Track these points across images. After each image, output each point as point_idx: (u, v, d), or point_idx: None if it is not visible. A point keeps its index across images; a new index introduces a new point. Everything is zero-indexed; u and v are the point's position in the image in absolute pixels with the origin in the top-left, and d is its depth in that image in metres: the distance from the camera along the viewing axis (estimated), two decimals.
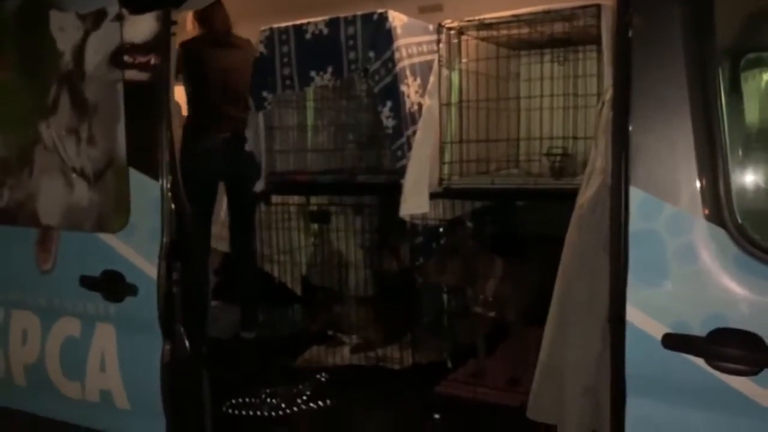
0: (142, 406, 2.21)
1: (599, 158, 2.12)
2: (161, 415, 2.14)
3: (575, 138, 2.84)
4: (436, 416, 2.94)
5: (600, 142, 2.13)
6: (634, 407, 1.49)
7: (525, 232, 3.60)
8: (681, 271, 1.45)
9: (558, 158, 2.86)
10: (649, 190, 1.48)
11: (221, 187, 3.97)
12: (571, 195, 2.34)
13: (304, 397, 3.09)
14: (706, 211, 1.43)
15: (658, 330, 1.44)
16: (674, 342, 1.43)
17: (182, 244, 2.26)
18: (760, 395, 1.36)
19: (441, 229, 3.39)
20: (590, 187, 2.11)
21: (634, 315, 1.48)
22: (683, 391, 1.45)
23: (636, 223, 1.49)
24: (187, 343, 2.29)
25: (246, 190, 3.77)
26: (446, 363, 3.53)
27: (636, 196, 1.49)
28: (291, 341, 4.00)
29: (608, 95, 2.17)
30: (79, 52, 2.31)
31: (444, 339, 3.56)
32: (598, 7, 2.67)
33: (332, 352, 3.74)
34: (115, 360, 2.24)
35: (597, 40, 2.78)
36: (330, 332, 3.94)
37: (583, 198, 2.15)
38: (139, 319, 2.20)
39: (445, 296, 3.56)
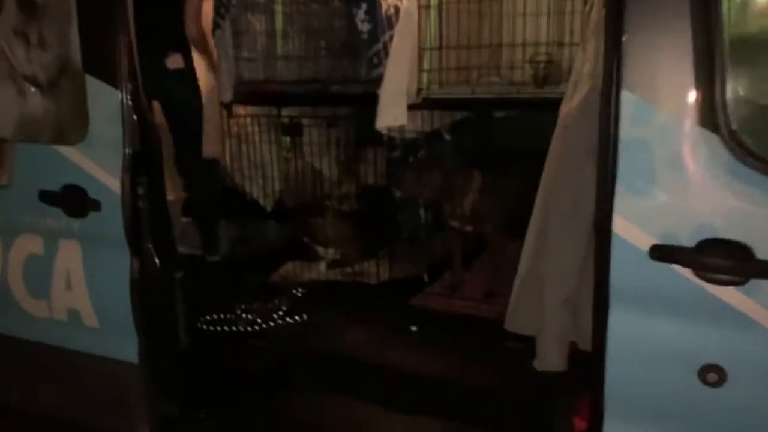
0: (112, 324, 2.17)
1: (587, 63, 2.03)
2: (132, 333, 2.11)
3: (560, 44, 2.73)
4: (413, 328, 2.96)
5: (588, 46, 2.05)
6: (617, 319, 1.48)
7: (505, 145, 3.54)
8: (671, 180, 1.41)
9: (542, 65, 2.76)
10: (642, 94, 1.41)
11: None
12: (555, 105, 2.27)
13: (280, 312, 3.08)
14: (700, 117, 1.37)
15: (645, 241, 1.41)
16: (662, 253, 1.40)
17: (146, 157, 2.16)
18: (747, 306, 1.35)
19: (418, 142, 3.31)
20: (577, 94, 2.04)
21: (620, 225, 1.44)
22: (669, 303, 1.43)
23: (626, 129, 1.43)
24: (156, 259, 2.24)
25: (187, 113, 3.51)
26: (423, 277, 3.53)
27: (627, 100, 1.42)
28: (266, 257, 3.98)
29: None
30: None
31: (421, 253, 3.55)
32: None
33: (308, 267, 3.73)
34: (82, 277, 2.18)
35: None
36: (306, 243, 3.88)
37: (569, 105, 2.08)
38: (105, 235, 2.13)
39: (422, 210, 3.53)
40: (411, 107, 2.94)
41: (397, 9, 3.12)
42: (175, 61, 3.34)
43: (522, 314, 2.28)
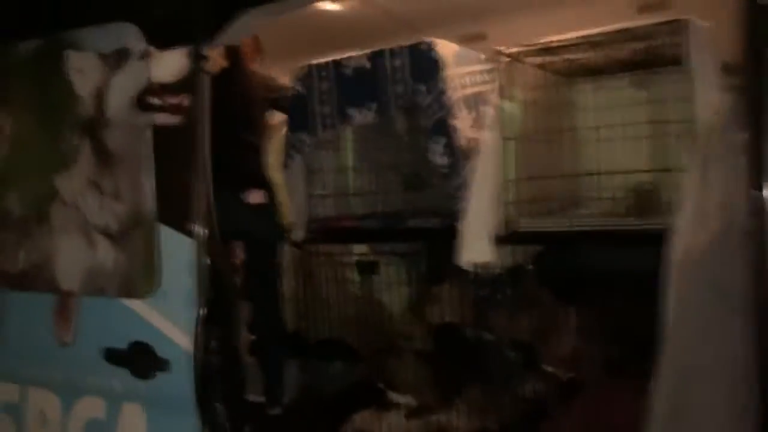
0: None
1: (712, 194, 1.82)
2: None
3: (663, 171, 2.53)
4: None
5: (710, 175, 1.83)
6: None
7: (593, 276, 3.28)
8: None
9: (640, 195, 2.56)
10: None
11: None
12: (656, 236, 2.08)
13: None
14: None
15: None
16: None
17: (220, 307, 2.03)
18: None
19: (503, 278, 3.09)
20: (703, 230, 1.81)
21: None
22: None
23: None
24: (227, 425, 2.06)
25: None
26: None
27: None
28: (335, 405, 3.70)
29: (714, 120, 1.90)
30: (100, 95, 2.11)
31: (511, 401, 3.22)
32: (683, 22, 2.39)
33: (384, 417, 3.42)
34: None
35: (679, 61, 2.48)
36: (380, 388, 3.59)
37: (694, 241, 1.83)
38: (172, 398, 1.98)
39: (511, 354, 3.24)
40: (499, 241, 2.75)
41: (474, 141, 3.00)
42: (256, 197, 3.29)
43: None
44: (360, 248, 3.81)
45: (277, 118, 3.71)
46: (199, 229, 1.97)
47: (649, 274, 2.09)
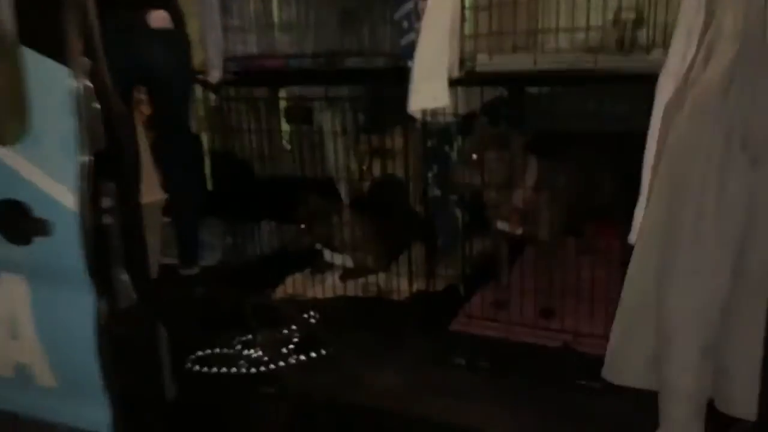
0: (74, 384, 1.72)
1: (728, 16, 1.50)
2: (101, 394, 1.66)
3: None
4: (461, 362, 2.42)
5: None
6: None
7: (557, 128, 3.01)
8: None
9: (629, 25, 2.22)
10: None
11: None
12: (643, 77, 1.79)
13: (291, 346, 2.53)
14: None
15: None
16: None
17: (114, 155, 1.66)
18: None
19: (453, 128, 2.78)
20: (715, 61, 1.50)
21: None
22: None
23: None
24: (132, 294, 1.75)
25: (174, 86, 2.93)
26: (458, 289, 3.01)
27: None
28: (264, 267, 3.44)
29: None
30: None
31: (457, 261, 3.02)
32: None
33: (318, 280, 3.19)
34: (31, 323, 1.71)
35: None
36: (316, 249, 3.32)
37: (705, 75, 1.53)
38: (59, 266, 1.64)
39: (458, 210, 2.99)
40: (453, 83, 2.40)
41: None
42: (158, 19, 2.76)
43: (629, 361, 1.76)
44: (289, 93, 3.39)
45: None
46: (79, 55, 1.54)
47: (625, 124, 1.86)
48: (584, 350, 2.43)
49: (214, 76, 3.04)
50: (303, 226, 3.22)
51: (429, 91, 2.34)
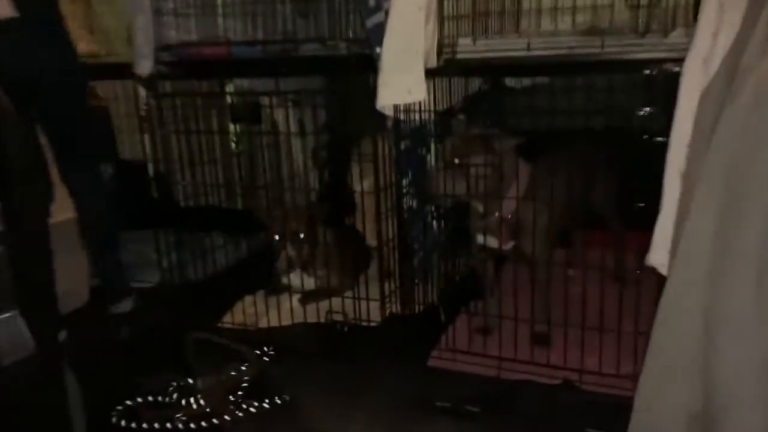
0: None
1: None
2: None
3: None
4: (445, 405, 2.06)
5: None
6: None
7: (552, 126, 2.68)
8: None
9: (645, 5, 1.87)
10: None
11: None
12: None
13: (240, 392, 2.13)
14: None
15: None
16: None
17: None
18: None
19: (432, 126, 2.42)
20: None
21: None
22: None
23: None
24: (28, 342, 1.45)
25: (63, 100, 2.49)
26: (438, 312, 2.66)
27: None
28: (211, 288, 3.05)
29: None
30: None
31: (436, 281, 2.66)
32: None
33: (273, 304, 2.79)
34: None
35: None
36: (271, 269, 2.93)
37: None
38: None
39: (434, 223, 2.63)
40: (430, 74, 2.03)
41: None
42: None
43: (663, 418, 1.41)
44: (236, 87, 2.98)
45: None
46: None
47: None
48: (589, 389, 2.09)
49: (145, 67, 2.62)
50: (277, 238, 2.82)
51: (401, 83, 1.99)
